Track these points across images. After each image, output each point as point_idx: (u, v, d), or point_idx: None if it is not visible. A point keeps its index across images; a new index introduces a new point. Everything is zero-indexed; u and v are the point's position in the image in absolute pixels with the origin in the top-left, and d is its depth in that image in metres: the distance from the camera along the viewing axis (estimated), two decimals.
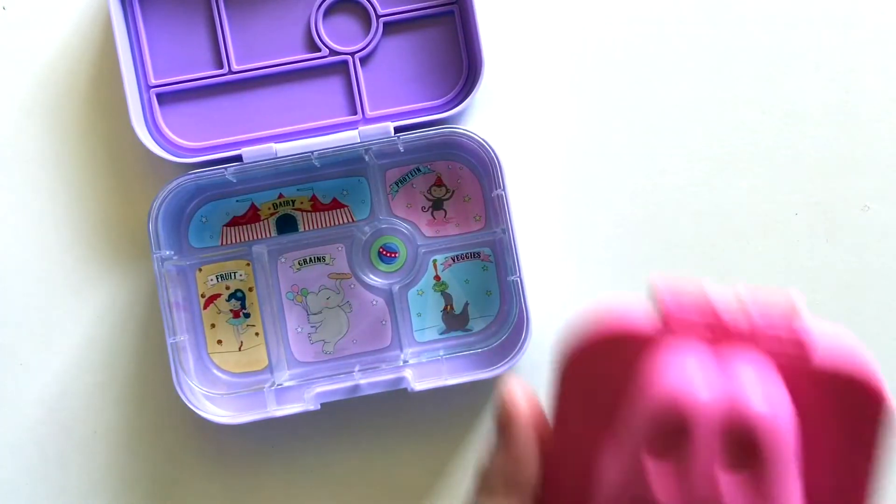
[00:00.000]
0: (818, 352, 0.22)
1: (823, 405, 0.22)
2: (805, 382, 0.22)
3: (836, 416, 0.22)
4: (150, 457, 0.49)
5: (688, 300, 0.23)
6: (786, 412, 0.21)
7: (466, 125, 0.48)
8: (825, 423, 0.22)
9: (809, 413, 0.22)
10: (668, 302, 0.23)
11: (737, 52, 0.49)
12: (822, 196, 0.49)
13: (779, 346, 0.22)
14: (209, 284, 0.48)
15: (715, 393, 0.21)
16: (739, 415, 0.21)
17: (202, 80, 0.48)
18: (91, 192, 0.49)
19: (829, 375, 0.22)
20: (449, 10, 0.48)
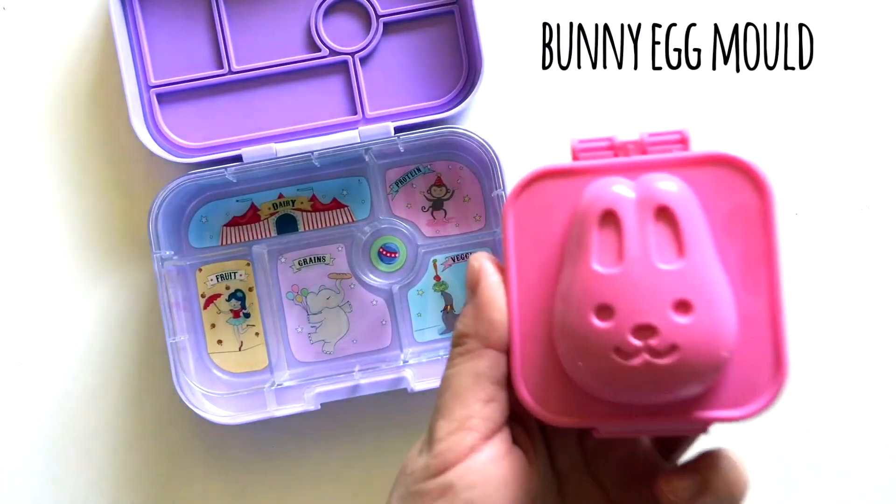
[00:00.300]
0: (696, 147, 0.29)
1: (709, 186, 0.28)
2: (691, 170, 0.28)
3: (723, 195, 0.28)
4: (150, 456, 0.49)
5: (593, 139, 0.30)
6: (683, 188, 0.28)
7: (466, 125, 0.48)
8: (716, 201, 0.28)
9: (702, 193, 0.28)
10: (575, 141, 0.30)
11: (738, 52, 0.49)
12: (823, 196, 0.49)
13: (666, 148, 0.29)
14: (209, 284, 0.48)
15: (632, 191, 0.28)
16: (651, 196, 0.27)
17: (202, 80, 0.48)
18: (91, 192, 0.49)
19: (709, 160, 0.28)
20: (449, 10, 0.48)
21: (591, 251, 0.28)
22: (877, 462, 0.48)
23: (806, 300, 0.48)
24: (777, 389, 0.28)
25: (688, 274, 0.27)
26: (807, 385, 0.48)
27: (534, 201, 0.30)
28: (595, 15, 0.49)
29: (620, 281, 0.27)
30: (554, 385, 0.29)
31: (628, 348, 0.26)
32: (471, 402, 0.29)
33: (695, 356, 0.26)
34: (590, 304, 0.27)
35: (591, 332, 0.27)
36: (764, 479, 0.48)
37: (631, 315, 0.26)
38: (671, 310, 0.26)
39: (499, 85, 0.49)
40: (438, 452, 0.29)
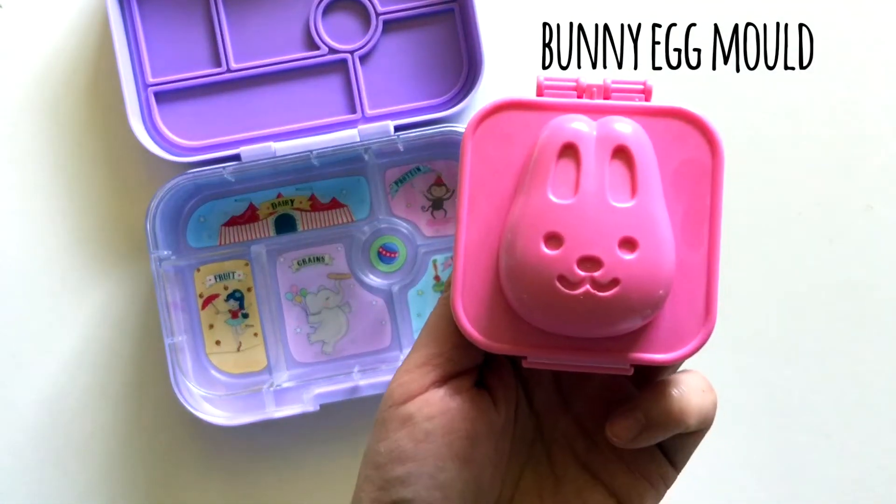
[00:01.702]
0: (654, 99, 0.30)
1: (665, 137, 0.30)
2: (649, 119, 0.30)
3: (677, 148, 0.30)
4: (148, 458, 0.49)
5: (560, 78, 0.31)
6: (642, 133, 0.29)
7: (466, 124, 0.47)
8: (669, 153, 0.29)
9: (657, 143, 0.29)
10: (541, 77, 0.31)
11: (739, 52, 0.49)
12: (825, 196, 0.49)
13: (628, 96, 0.30)
14: (207, 284, 0.48)
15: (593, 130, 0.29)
16: (612, 135, 0.29)
17: (200, 79, 0.48)
18: (88, 191, 0.49)
19: (668, 112, 0.30)
20: (449, 9, 0.47)
21: (548, 181, 0.29)
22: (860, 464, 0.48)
23: (807, 300, 0.48)
24: (703, 337, 0.29)
25: (637, 214, 0.28)
26: (807, 388, 0.48)
27: (494, 131, 0.30)
28: (595, 15, 0.49)
29: (573, 212, 0.28)
30: (492, 313, 0.30)
31: (573, 278, 0.28)
32: (443, 342, 0.31)
33: (634, 292, 0.28)
34: (540, 231, 0.28)
35: (538, 259, 0.28)
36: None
37: (579, 246, 0.28)
38: (617, 246, 0.28)
39: (499, 84, 0.48)
40: (403, 383, 0.31)
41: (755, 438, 0.48)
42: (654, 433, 0.30)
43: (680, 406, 0.30)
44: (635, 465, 0.32)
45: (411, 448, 0.30)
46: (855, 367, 0.48)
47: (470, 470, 0.30)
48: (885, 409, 0.48)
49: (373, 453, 0.31)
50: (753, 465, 0.48)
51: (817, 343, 0.48)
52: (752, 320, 0.48)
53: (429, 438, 0.30)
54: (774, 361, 0.48)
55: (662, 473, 0.32)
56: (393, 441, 0.30)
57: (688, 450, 0.33)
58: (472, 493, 0.30)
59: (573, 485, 0.32)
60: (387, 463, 0.30)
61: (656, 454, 0.32)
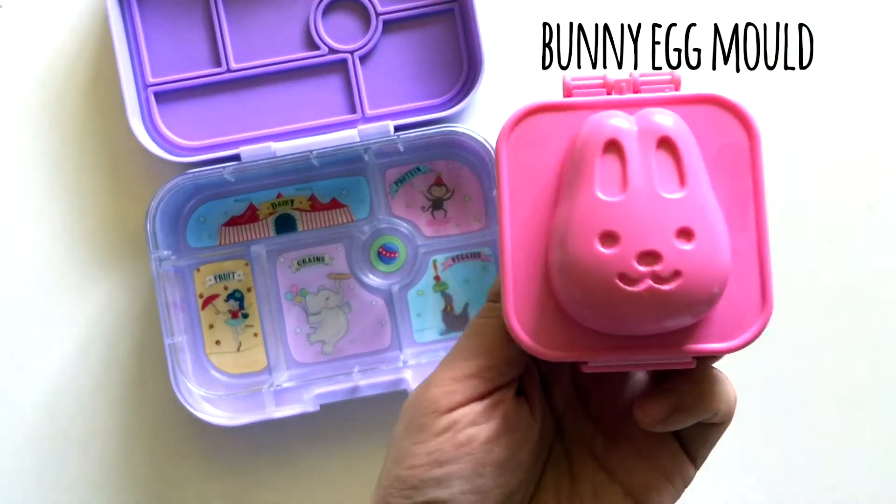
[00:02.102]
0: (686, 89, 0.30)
1: (701, 124, 0.29)
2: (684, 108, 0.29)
3: (714, 134, 0.29)
4: (148, 458, 0.49)
5: (586, 76, 0.31)
6: (681, 122, 0.29)
7: (466, 124, 0.47)
8: (707, 139, 0.29)
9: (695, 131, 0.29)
10: (568, 78, 0.31)
11: (740, 52, 0.49)
12: (826, 196, 0.49)
13: (658, 88, 0.30)
14: (207, 285, 0.48)
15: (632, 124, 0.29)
16: (652, 127, 0.28)
17: (200, 79, 0.48)
18: (88, 191, 0.49)
19: (700, 100, 0.30)
20: (449, 9, 0.47)
21: (595, 180, 0.28)
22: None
23: (807, 300, 0.48)
24: (762, 323, 0.29)
25: (689, 203, 0.28)
26: (807, 389, 0.48)
27: (527, 136, 0.30)
28: (595, 15, 0.49)
29: (625, 208, 0.27)
30: (546, 320, 0.29)
31: (633, 274, 0.27)
32: (495, 356, 0.31)
33: (696, 282, 0.27)
34: (594, 231, 0.28)
35: (595, 259, 0.27)
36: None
37: (636, 242, 0.27)
38: (675, 237, 0.27)
39: (499, 84, 0.48)
40: (450, 391, 0.30)
41: (755, 438, 0.48)
42: (684, 416, 0.31)
43: (714, 389, 0.31)
44: (656, 463, 0.32)
45: (452, 452, 0.30)
46: (855, 367, 0.48)
47: (506, 475, 0.31)
48: (885, 409, 0.48)
49: (408, 455, 0.30)
50: (753, 465, 0.48)
51: (817, 343, 0.48)
52: None
53: (471, 444, 0.30)
54: (774, 361, 0.48)
55: (682, 471, 0.33)
56: (434, 445, 0.30)
57: (710, 443, 0.33)
58: (504, 497, 0.31)
59: (590, 485, 0.33)
60: (425, 464, 0.30)
61: (677, 451, 0.33)
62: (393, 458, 0.31)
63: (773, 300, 0.29)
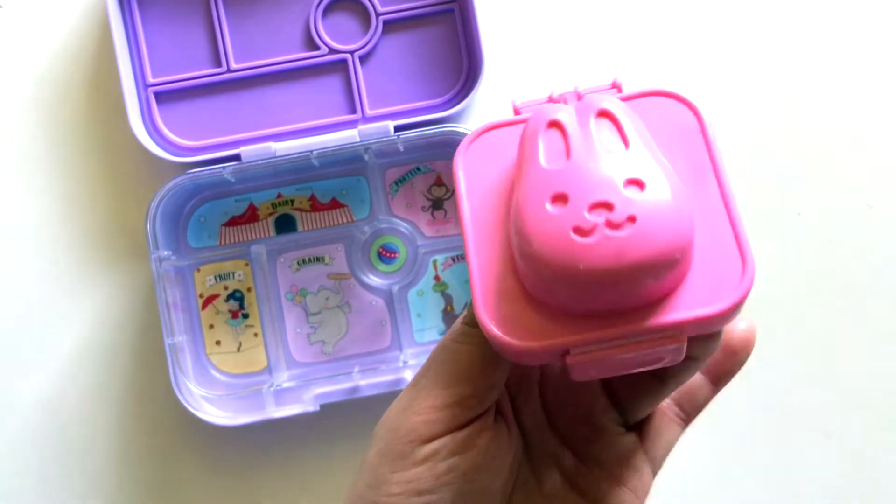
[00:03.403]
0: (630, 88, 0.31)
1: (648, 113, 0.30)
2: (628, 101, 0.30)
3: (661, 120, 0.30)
4: (148, 458, 0.49)
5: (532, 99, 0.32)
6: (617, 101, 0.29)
7: (466, 124, 0.47)
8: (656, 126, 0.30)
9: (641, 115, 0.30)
10: (517, 103, 0.32)
11: (739, 52, 0.49)
12: (825, 196, 0.49)
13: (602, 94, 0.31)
14: (207, 285, 0.48)
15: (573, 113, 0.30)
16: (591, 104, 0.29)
17: (200, 79, 0.48)
18: (88, 192, 0.49)
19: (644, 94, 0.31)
20: (449, 9, 0.47)
21: (539, 154, 0.28)
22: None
23: (807, 300, 0.48)
24: (746, 286, 0.28)
25: (636, 158, 0.28)
26: (807, 389, 0.48)
27: (482, 151, 0.31)
28: (595, 14, 0.49)
29: (571, 171, 0.28)
30: (520, 314, 0.29)
31: (586, 225, 0.27)
32: (477, 384, 0.30)
33: (653, 226, 0.26)
34: (544, 197, 0.28)
35: (547, 220, 0.27)
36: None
37: (585, 195, 0.27)
38: (623, 186, 0.27)
39: (499, 84, 0.48)
40: (430, 420, 0.30)
41: (755, 438, 0.48)
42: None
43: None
44: (622, 479, 0.32)
45: (432, 483, 0.29)
46: (855, 366, 0.48)
47: (485, 500, 0.30)
48: (885, 409, 0.48)
49: (385, 482, 0.30)
50: (753, 465, 0.48)
51: (817, 343, 0.48)
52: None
53: (451, 475, 0.29)
54: (774, 361, 0.48)
55: (644, 484, 0.33)
56: (413, 474, 0.29)
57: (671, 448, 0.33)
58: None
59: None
60: (403, 493, 0.29)
61: (643, 468, 0.33)
62: (368, 483, 0.30)
63: (753, 262, 0.28)
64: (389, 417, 0.31)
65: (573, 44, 0.49)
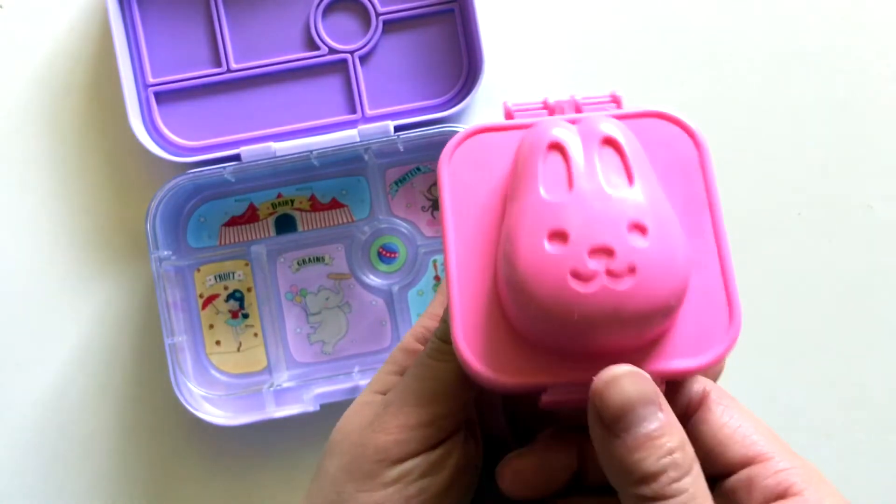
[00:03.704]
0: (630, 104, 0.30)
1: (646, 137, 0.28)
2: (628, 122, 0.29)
3: (660, 146, 0.29)
4: (148, 458, 0.49)
5: (527, 102, 0.30)
6: (622, 126, 0.28)
7: (466, 124, 0.47)
8: (654, 151, 0.28)
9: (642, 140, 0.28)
10: (508, 104, 0.30)
11: (739, 52, 0.49)
12: (826, 195, 0.49)
13: (601, 108, 0.29)
14: (207, 285, 0.48)
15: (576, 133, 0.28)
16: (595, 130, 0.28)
17: (200, 79, 0.48)
18: (88, 192, 0.49)
19: (644, 116, 0.29)
20: (449, 9, 0.47)
21: (539, 182, 0.27)
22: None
23: (807, 300, 0.48)
24: (731, 339, 0.27)
25: (639, 199, 0.26)
26: (807, 389, 0.48)
27: (469, 158, 0.29)
28: (595, 14, 0.49)
29: (572, 206, 0.26)
30: (498, 344, 0.27)
31: (586, 271, 0.25)
32: (451, 403, 0.29)
33: (653, 280, 0.26)
34: (541, 231, 0.26)
35: (544, 259, 0.26)
36: None
37: (586, 237, 0.26)
38: (627, 232, 0.26)
39: (499, 84, 0.48)
40: (401, 441, 0.29)
41: None
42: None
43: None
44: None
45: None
46: (855, 366, 0.48)
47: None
48: (885, 409, 0.48)
49: (351, 501, 0.29)
50: None
51: (817, 343, 0.48)
52: (752, 320, 0.48)
53: (421, 496, 0.29)
54: (774, 361, 0.48)
55: None
56: (381, 496, 0.28)
57: None
58: None
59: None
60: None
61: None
62: (331, 500, 0.29)
63: (740, 312, 0.27)
64: (353, 430, 0.30)
65: (573, 44, 0.49)
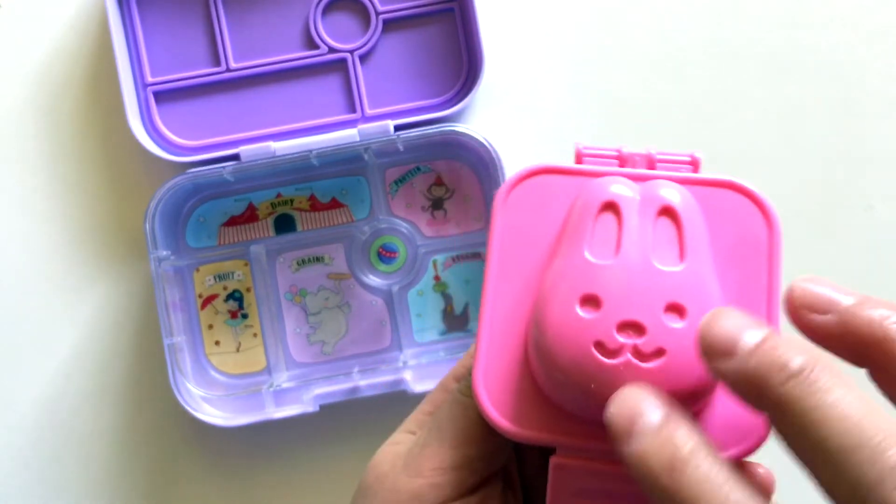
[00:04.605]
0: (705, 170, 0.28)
1: (716, 209, 0.27)
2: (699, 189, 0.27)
3: (729, 221, 0.27)
4: (147, 459, 0.48)
5: (600, 147, 0.29)
6: (690, 198, 0.27)
7: (466, 124, 0.47)
8: (721, 226, 0.27)
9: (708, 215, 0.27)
10: (581, 146, 0.29)
11: (739, 51, 0.49)
12: (826, 196, 0.48)
13: (675, 167, 0.28)
14: (207, 285, 0.48)
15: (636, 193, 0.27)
16: (656, 196, 0.26)
17: (200, 78, 0.48)
18: (87, 192, 0.49)
19: (718, 185, 0.28)
20: (449, 8, 0.47)
21: (585, 240, 0.26)
22: None
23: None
24: (760, 437, 0.26)
25: (686, 279, 0.25)
26: None
27: (528, 198, 0.28)
28: (595, 14, 0.49)
29: (612, 273, 0.25)
30: (518, 394, 0.27)
31: (611, 344, 0.24)
32: (486, 444, 0.28)
33: (681, 367, 0.24)
34: (575, 293, 0.25)
35: (572, 323, 0.25)
36: None
37: (618, 309, 0.25)
38: (663, 312, 0.25)
39: (499, 83, 0.48)
40: (437, 484, 0.28)
41: None
42: None
43: None
44: None
45: None
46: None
47: None
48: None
49: None
50: None
51: None
52: None
53: None
54: None
55: None
56: None
57: None
58: None
59: None
60: None
61: None
62: None
63: None
64: (386, 471, 0.29)
65: (574, 43, 0.49)
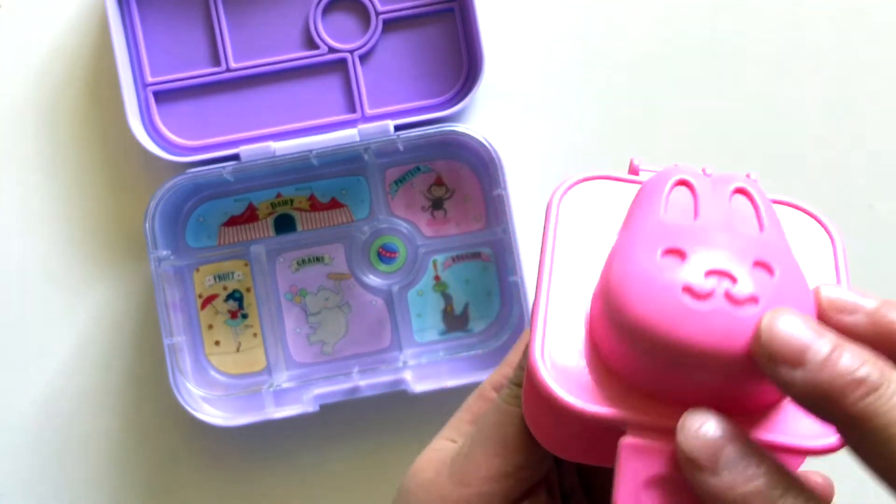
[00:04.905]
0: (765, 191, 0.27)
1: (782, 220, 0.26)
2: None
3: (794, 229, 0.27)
4: (147, 459, 0.48)
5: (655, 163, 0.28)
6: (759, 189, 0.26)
7: (466, 124, 0.47)
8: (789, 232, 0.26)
9: None
10: (636, 159, 0.28)
11: (739, 51, 0.49)
12: (827, 195, 0.48)
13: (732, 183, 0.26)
14: (206, 285, 0.48)
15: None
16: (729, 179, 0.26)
17: (199, 78, 0.47)
18: (87, 192, 0.49)
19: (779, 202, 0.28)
20: (449, 8, 0.47)
21: (660, 207, 0.24)
22: None
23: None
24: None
25: (770, 242, 0.24)
26: None
27: (583, 197, 0.27)
28: (595, 14, 0.49)
29: (694, 231, 0.23)
30: (580, 370, 0.24)
31: (701, 288, 0.22)
32: (532, 453, 0.28)
33: None
34: (655, 246, 0.23)
35: (655, 270, 0.22)
36: None
37: (706, 260, 0.22)
38: (752, 266, 0.23)
39: (499, 83, 0.48)
40: (484, 493, 0.28)
41: None
42: None
43: None
44: None
45: None
46: None
47: None
48: None
49: None
50: None
51: None
52: None
53: None
54: None
55: None
56: None
57: None
58: None
59: None
60: None
61: None
62: None
63: None
64: (428, 479, 0.29)
65: (573, 44, 0.49)
